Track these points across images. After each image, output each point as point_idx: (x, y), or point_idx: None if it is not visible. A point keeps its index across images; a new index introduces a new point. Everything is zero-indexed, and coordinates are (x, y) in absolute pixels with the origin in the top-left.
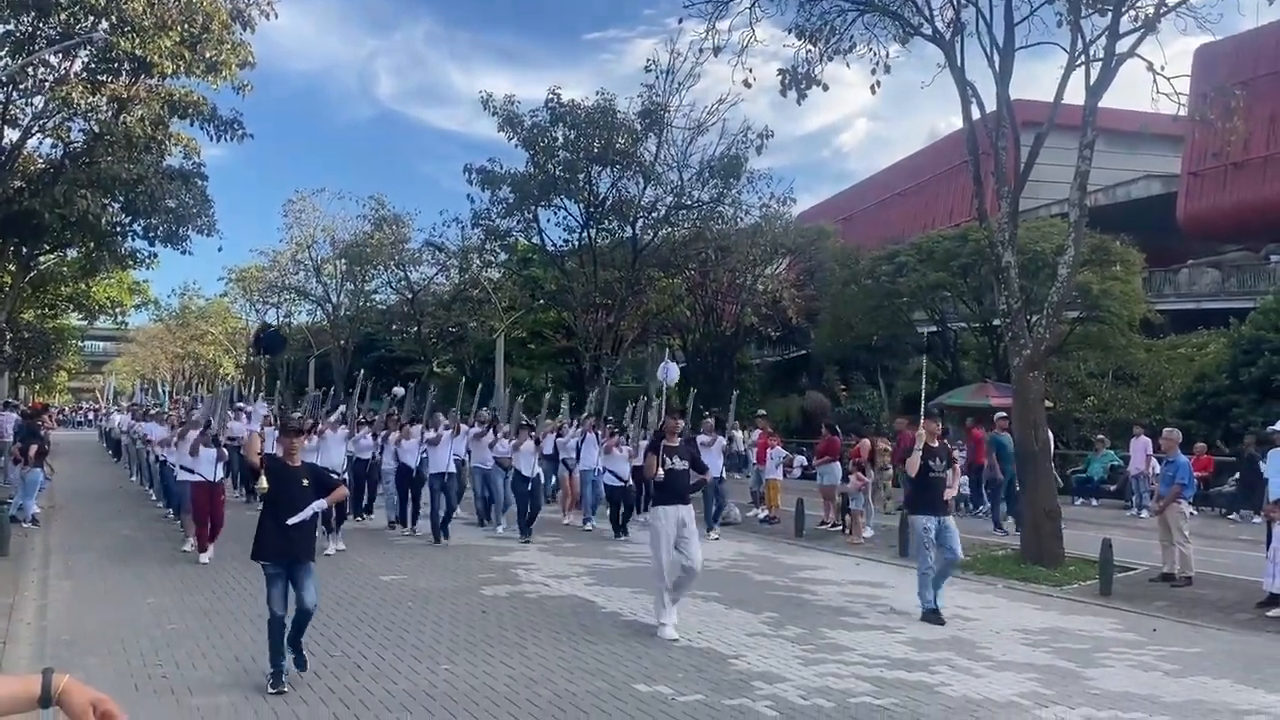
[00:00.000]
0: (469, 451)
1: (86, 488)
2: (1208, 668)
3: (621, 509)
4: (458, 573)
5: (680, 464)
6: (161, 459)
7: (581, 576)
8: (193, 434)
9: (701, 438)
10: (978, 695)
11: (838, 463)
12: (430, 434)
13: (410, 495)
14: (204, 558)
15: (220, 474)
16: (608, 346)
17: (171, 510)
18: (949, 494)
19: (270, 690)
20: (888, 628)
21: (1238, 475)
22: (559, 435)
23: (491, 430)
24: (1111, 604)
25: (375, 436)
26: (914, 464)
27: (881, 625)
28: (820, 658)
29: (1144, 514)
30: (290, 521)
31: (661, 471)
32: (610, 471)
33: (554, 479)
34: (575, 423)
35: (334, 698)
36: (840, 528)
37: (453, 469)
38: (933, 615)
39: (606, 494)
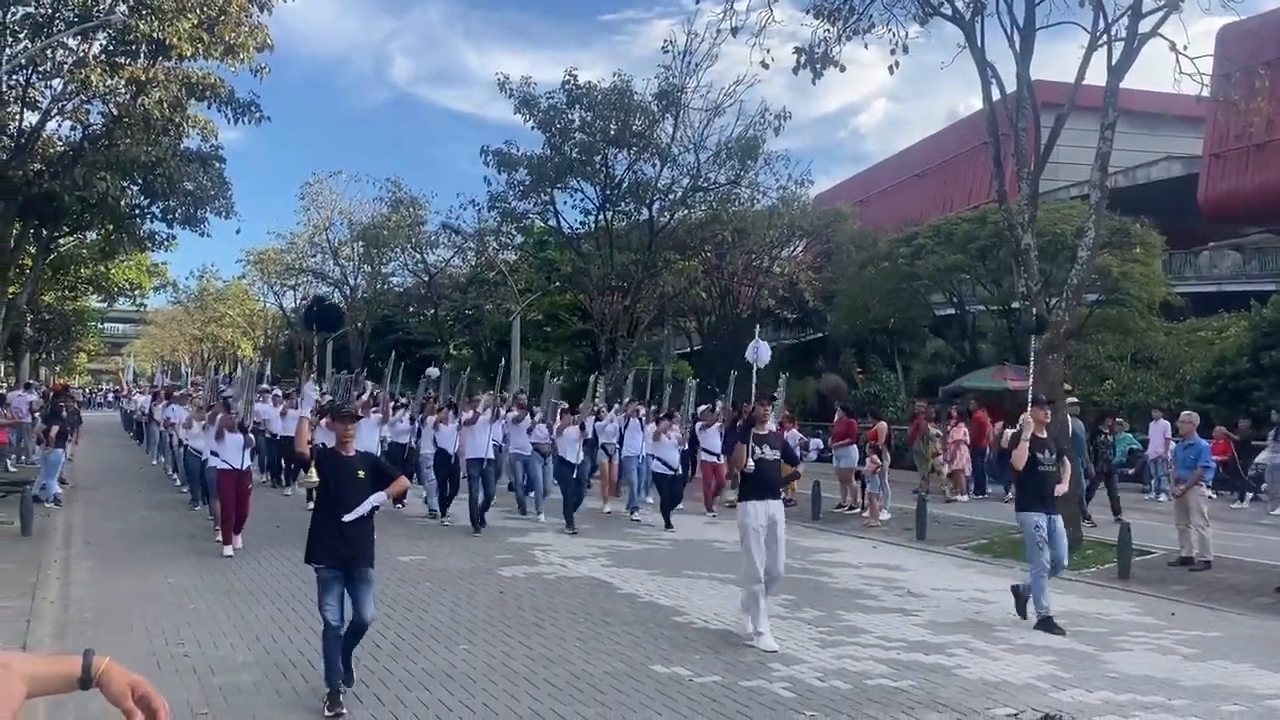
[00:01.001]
0: (506, 437)
1: (107, 469)
2: (1227, 652)
3: (667, 499)
4: (475, 554)
5: (771, 454)
6: (185, 443)
7: (598, 558)
8: (220, 417)
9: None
10: (995, 678)
11: (855, 445)
12: (466, 416)
13: (449, 482)
14: (228, 550)
15: (248, 461)
16: (624, 329)
17: (193, 495)
18: (1059, 489)
19: (327, 714)
20: (904, 610)
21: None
22: (597, 419)
23: (529, 415)
24: (1130, 588)
25: (412, 420)
26: (1021, 456)
27: (898, 608)
28: (837, 640)
29: (1162, 497)
30: (346, 519)
31: (751, 462)
32: (659, 459)
33: (591, 465)
34: (614, 406)
35: (353, 677)
36: (857, 510)
37: (491, 455)
38: (1049, 624)
39: (655, 483)
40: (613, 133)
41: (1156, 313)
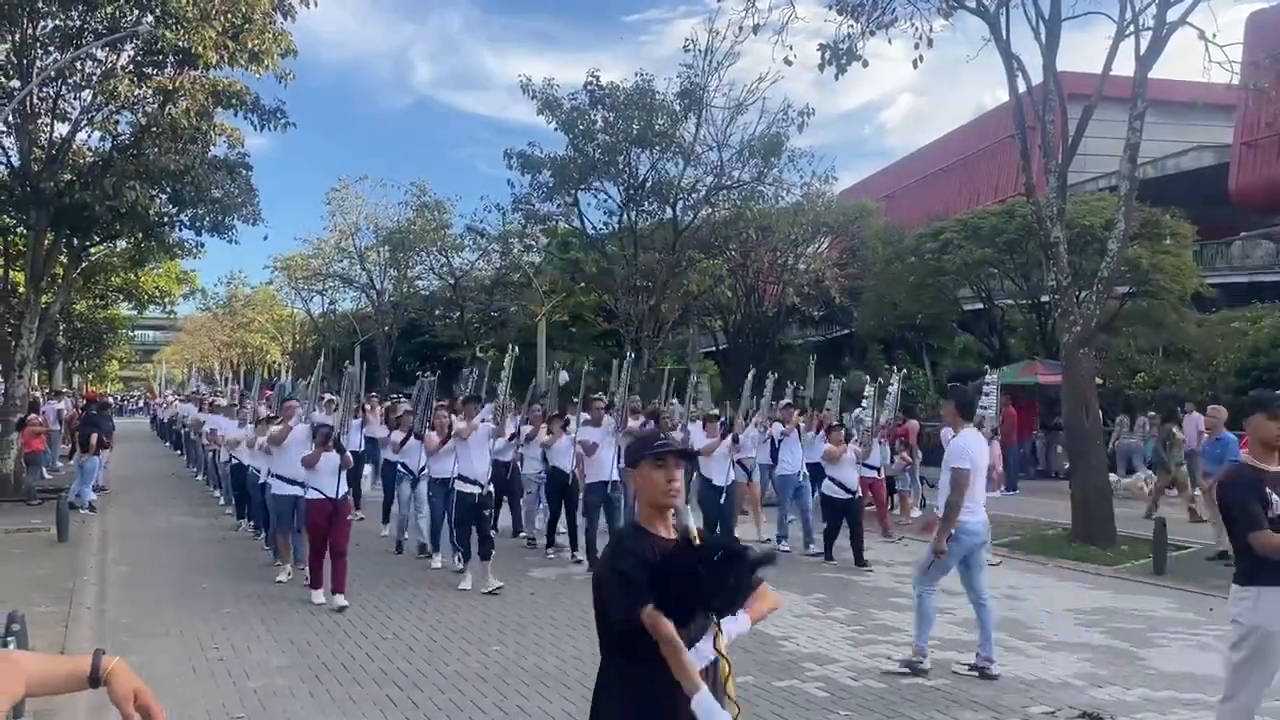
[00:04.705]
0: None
1: (141, 475)
2: None
3: (833, 528)
4: (506, 556)
5: None
6: (233, 460)
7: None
8: (298, 428)
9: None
10: (1031, 676)
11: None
12: (590, 428)
13: (566, 509)
14: (319, 596)
15: (344, 486)
16: (649, 329)
17: (254, 522)
18: None
19: None
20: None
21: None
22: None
23: (653, 421)
24: (1166, 583)
25: (519, 433)
26: None
27: None
28: (870, 639)
29: (1196, 492)
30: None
31: None
32: (833, 479)
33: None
34: (755, 414)
35: (387, 679)
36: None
37: (617, 475)
38: None
39: (826, 508)
40: (635, 132)
41: (1188, 304)
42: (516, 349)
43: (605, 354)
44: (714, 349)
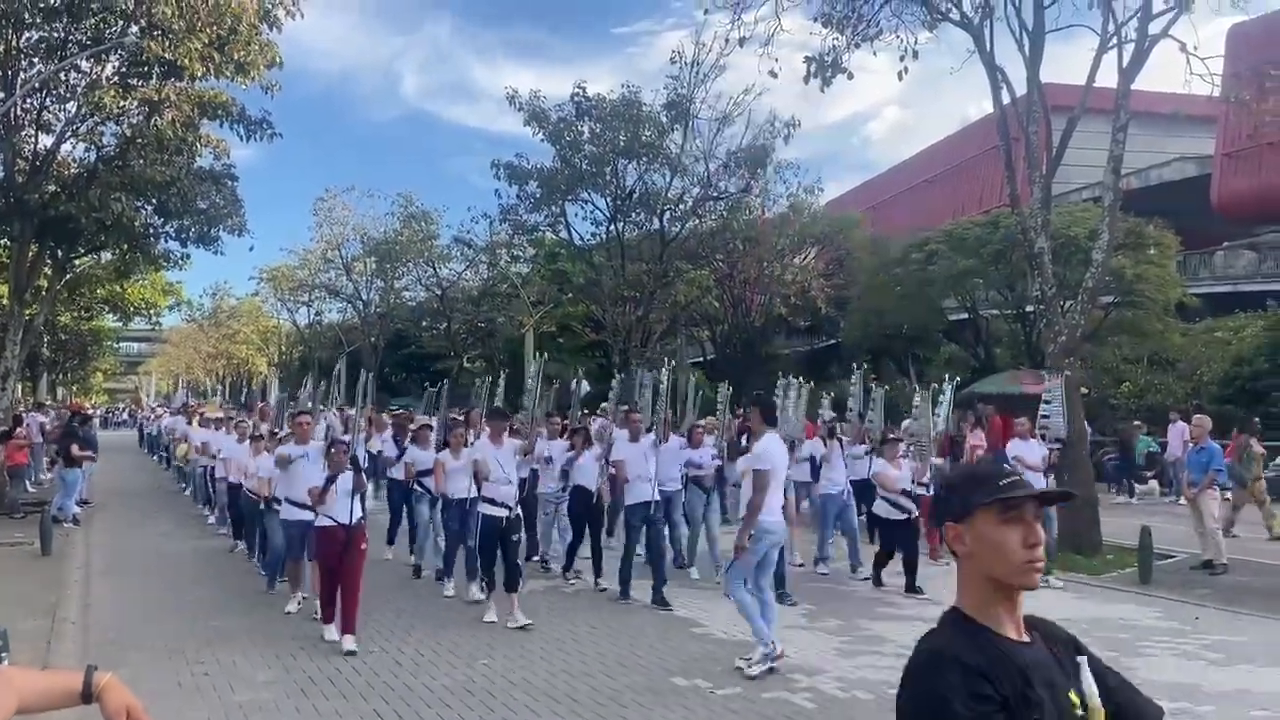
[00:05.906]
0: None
1: (126, 488)
2: (1253, 656)
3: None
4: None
5: None
6: (229, 479)
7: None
8: (312, 445)
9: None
10: None
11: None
12: (628, 444)
13: (591, 530)
14: (331, 632)
15: (359, 511)
16: (637, 339)
17: (249, 546)
18: None
19: None
20: (925, 618)
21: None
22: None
23: (689, 436)
24: (1152, 592)
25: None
26: None
27: (918, 616)
28: (858, 649)
29: (1183, 501)
30: None
31: None
32: (884, 498)
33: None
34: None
35: (374, 693)
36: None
37: (658, 496)
38: None
39: (882, 531)
40: (622, 144)
41: (1172, 314)
42: (544, 355)
43: (594, 364)
44: (701, 359)
